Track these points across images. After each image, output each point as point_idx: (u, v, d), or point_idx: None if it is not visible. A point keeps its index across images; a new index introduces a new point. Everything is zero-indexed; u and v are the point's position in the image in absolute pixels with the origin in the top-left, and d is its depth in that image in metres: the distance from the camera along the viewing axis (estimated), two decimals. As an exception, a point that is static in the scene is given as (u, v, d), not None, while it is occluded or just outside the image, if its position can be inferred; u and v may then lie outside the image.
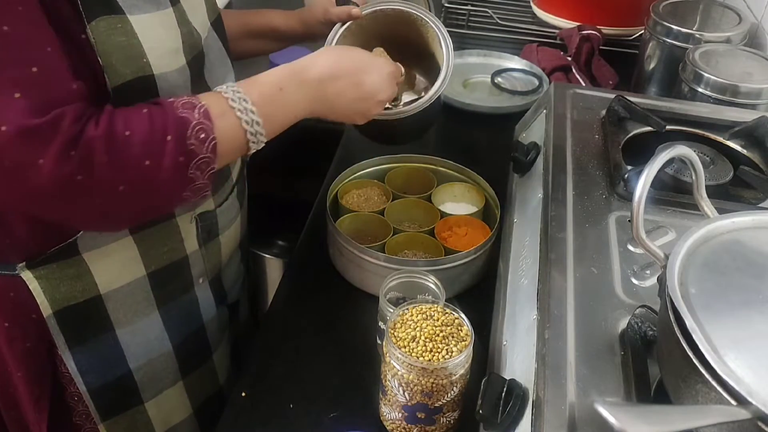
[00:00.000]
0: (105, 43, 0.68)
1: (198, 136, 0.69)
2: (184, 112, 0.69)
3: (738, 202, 0.86)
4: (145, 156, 0.66)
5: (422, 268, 0.88)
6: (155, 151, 0.67)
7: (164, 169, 0.67)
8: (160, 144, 0.67)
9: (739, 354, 0.50)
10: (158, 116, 0.68)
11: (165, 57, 0.73)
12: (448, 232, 1.00)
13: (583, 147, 0.93)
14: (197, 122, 0.69)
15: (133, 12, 0.70)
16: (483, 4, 1.70)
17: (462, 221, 1.01)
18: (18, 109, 0.61)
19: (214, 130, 0.70)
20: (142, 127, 0.67)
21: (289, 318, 0.94)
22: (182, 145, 0.68)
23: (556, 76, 1.42)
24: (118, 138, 0.65)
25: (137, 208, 0.72)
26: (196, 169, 0.70)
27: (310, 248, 1.05)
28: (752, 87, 1.08)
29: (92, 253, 0.78)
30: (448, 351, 0.72)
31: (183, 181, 0.70)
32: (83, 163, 0.63)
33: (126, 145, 0.65)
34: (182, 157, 0.68)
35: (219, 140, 0.70)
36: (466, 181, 1.08)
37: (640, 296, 0.70)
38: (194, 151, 0.69)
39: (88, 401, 0.85)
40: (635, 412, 0.47)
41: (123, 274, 0.81)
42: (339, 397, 0.82)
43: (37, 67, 0.63)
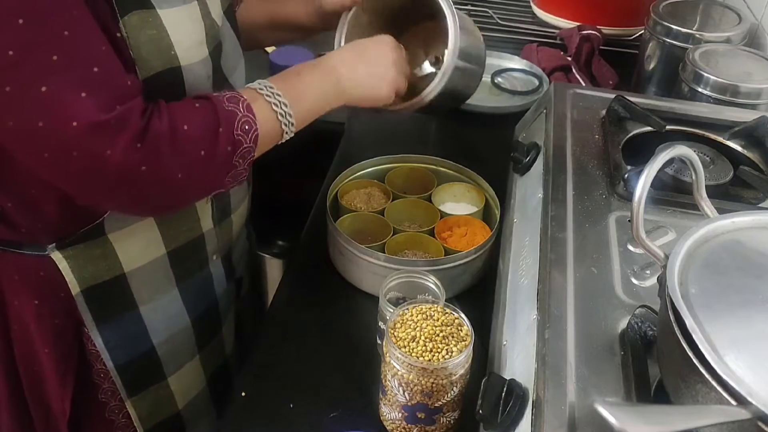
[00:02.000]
0: (137, 37, 0.72)
1: (243, 128, 0.76)
2: (230, 106, 0.76)
3: (738, 202, 0.86)
4: (201, 146, 0.73)
5: (422, 268, 0.88)
6: (209, 142, 0.73)
7: (216, 157, 0.74)
8: (213, 136, 0.74)
9: (739, 354, 0.50)
10: (210, 111, 0.74)
11: (191, 49, 0.77)
12: (448, 232, 1.00)
13: (583, 147, 0.93)
14: (243, 116, 0.76)
15: (162, 6, 0.74)
16: (483, 4, 1.70)
17: (462, 221, 1.01)
18: (86, 107, 0.66)
19: (256, 122, 0.77)
20: (198, 120, 0.73)
21: (289, 318, 0.94)
22: (230, 136, 0.75)
23: (556, 76, 1.42)
24: (179, 131, 0.72)
25: (186, 194, 0.78)
26: (240, 158, 0.77)
27: (310, 248, 1.05)
28: (752, 87, 1.08)
29: (117, 233, 0.82)
30: (448, 351, 0.72)
31: (228, 168, 0.77)
32: (150, 155, 0.69)
33: (186, 138, 0.72)
34: (230, 146, 0.75)
35: (260, 131, 0.78)
36: (466, 182, 1.08)
37: (640, 296, 0.70)
38: (240, 141, 0.76)
39: (115, 377, 0.89)
40: (635, 412, 0.47)
41: (145, 253, 0.85)
42: (339, 397, 0.82)
43: (98, 67, 0.67)
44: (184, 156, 0.72)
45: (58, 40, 0.65)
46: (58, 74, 0.65)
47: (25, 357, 0.87)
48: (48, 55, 0.64)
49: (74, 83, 0.66)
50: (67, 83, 0.65)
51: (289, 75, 0.85)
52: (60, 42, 0.65)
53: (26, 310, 0.83)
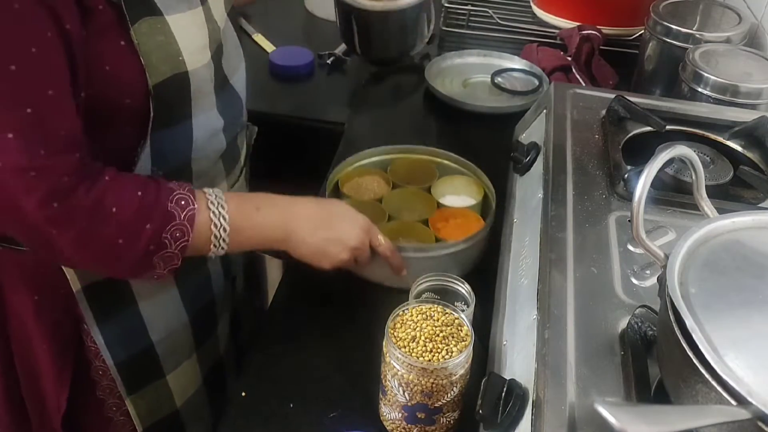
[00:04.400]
0: (147, 43, 0.72)
1: (174, 234, 0.74)
2: (172, 208, 0.74)
3: (738, 202, 0.86)
4: (120, 235, 0.71)
5: (412, 255, 0.91)
6: (132, 234, 0.72)
7: (134, 251, 0.73)
8: (138, 230, 0.72)
9: (739, 354, 0.50)
10: (149, 203, 0.73)
11: (196, 53, 0.78)
12: (443, 222, 1.00)
13: (583, 147, 0.93)
14: (179, 223, 0.74)
15: (169, 12, 0.74)
16: (483, 4, 1.70)
17: (458, 213, 1.01)
18: (11, 149, 0.64)
19: (191, 234, 0.75)
20: (131, 207, 0.71)
21: (289, 318, 0.94)
22: (158, 237, 0.73)
23: (556, 76, 1.42)
24: (104, 211, 0.70)
25: (95, 269, 0.79)
26: (160, 260, 0.75)
27: (310, 248, 1.05)
28: (752, 87, 1.08)
29: None
30: (448, 351, 0.72)
31: (145, 266, 0.75)
32: (61, 220, 0.68)
33: (108, 220, 0.70)
34: (153, 246, 0.73)
35: (190, 244, 0.76)
36: (467, 175, 1.08)
37: (640, 296, 0.70)
38: (165, 244, 0.74)
39: (115, 375, 0.89)
40: (635, 412, 0.47)
41: None
42: (339, 397, 0.82)
43: (32, 109, 0.65)
44: (99, 237, 0.71)
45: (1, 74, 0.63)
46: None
47: (22, 352, 0.87)
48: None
49: (3, 122, 0.64)
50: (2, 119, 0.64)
51: (248, 203, 0.82)
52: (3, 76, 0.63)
53: (25, 306, 0.84)
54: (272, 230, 0.83)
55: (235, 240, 0.79)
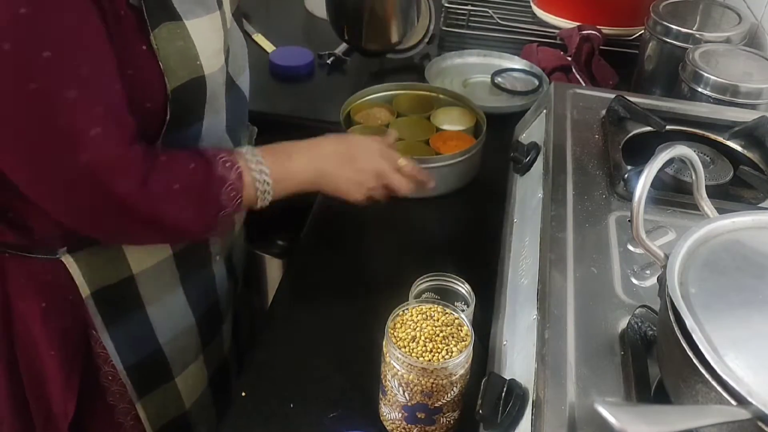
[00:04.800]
0: (166, 48, 0.73)
1: (230, 193, 0.79)
2: (223, 171, 0.79)
3: (738, 202, 0.86)
4: (187, 207, 0.77)
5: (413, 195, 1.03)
6: (197, 203, 0.77)
7: (199, 216, 0.78)
8: (200, 196, 0.77)
9: (739, 354, 0.50)
10: (203, 171, 0.77)
11: (212, 58, 0.79)
12: (441, 143, 1.16)
13: (583, 147, 0.93)
14: (231, 182, 0.79)
15: (188, 17, 0.75)
16: (483, 4, 1.70)
17: (454, 135, 1.18)
18: (100, 143, 0.69)
19: (243, 191, 0.80)
20: (190, 179, 0.77)
21: (289, 318, 0.94)
22: (215, 198, 0.78)
23: (556, 76, 1.42)
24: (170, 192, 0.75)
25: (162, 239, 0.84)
26: (220, 220, 0.80)
27: (310, 248, 1.05)
28: (752, 87, 1.08)
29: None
30: (448, 351, 0.72)
31: (207, 227, 0.81)
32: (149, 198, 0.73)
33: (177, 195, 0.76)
34: (214, 209, 0.79)
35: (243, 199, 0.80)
36: (461, 106, 1.25)
37: (640, 296, 0.70)
38: (224, 204, 0.79)
39: (125, 379, 0.90)
40: (635, 412, 0.47)
41: (152, 255, 0.87)
42: (339, 397, 0.82)
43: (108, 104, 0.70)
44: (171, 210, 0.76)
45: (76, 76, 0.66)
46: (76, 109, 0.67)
47: (27, 358, 0.86)
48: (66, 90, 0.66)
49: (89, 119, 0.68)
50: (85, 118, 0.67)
51: (280, 154, 0.86)
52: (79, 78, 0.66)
53: (32, 313, 0.83)
54: (305, 173, 0.87)
55: (277, 189, 0.84)
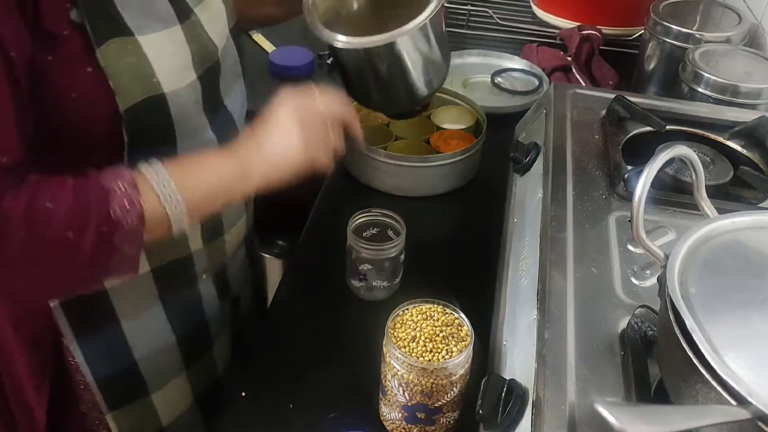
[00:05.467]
0: (116, 65, 0.68)
1: (123, 205, 0.67)
2: (107, 183, 0.67)
3: (738, 202, 0.86)
4: (67, 227, 0.64)
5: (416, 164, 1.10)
6: (78, 222, 0.64)
7: (87, 239, 0.65)
8: (83, 214, 0.65)
9: (739, 354, 0.50)
10: (82, 186, 0.66)
11: (174, 74, 0.74)
12: (442, 141, 1.16)
13: (583, 147, 0.93)
14: (122, 193, 0.67)
15: (142, 32, 0.70)
16: (483, 4, 1.70)
17: (455, 134, 1.18)
18: None
19: (141, 200, 0.68)
20: (66, 198, 0.65)
21: (289, 318, 0.94)
22: (105, 215, 0.66)
23: (556, 76, 1.42)
24: (40, 211, 0.63)
25: (58, 282, 0.69)
26: (121, 240, 0.67)
27: (310, 248, 1.05)
28: (752, 87, 1.08)
29: None
30: (448, 351, 0.72)
31: (108, 252, 0.67)
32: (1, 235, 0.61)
33: (48, 218, 0.63)
34: (105, 227, 0.66)
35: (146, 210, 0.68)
36: (461, 105, 1.25)
37: (640, 296, 0.70)
38: (118, 220, 0.66)
39: (96, 391, 0.87)
40: (635, 412, 0.47)
41: None
42: (339, 397, 0.82)
43: None
44: (44, 238, 0.64)
45: None
46: None
47: (4, 364, 0.84)
48: None
49: None
50: None
51: (190, 158, 0.75)
52: None
53: (4, 319, 0.81)
54: (222, 166, 0.76)
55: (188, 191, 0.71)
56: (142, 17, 0.71)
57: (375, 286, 0.93)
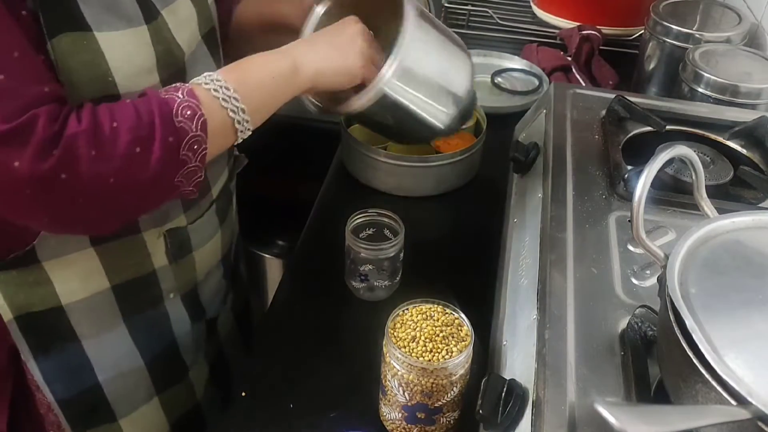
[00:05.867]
0: (67, 61, 0.65)
1: (185, 113, 0.67)
2: (167, 95, 0.68)
3: (738, 202, 0.86)
4: (134, 142, 0.64)
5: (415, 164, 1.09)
6: (144, 136, 0.64)
7: (155, 152, 0.65)
8: (148, 128, 0.64)
9: (739, 354, 0.50)
10: (143, 103, 0.66)
11: (134, 76, 0.70)
12: (442, 141, 1.16)
13: (583, 147, 0.93)
14: (182, 101, 0.67)
15: (101, 29, 0.67)
16: (483, 4, 1.70)
17: (455, 134, 1.13)
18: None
19: (201, 107, 0.68)
20: (129, 115, 0.64)
21: (289, 318, 0.94)
22: (170, 125, 0.66)
23: (556, 76, 1.42)
24: (105, 130, 0.63)
25: (126, 203, 0.68)
26: (188, 150, 0.67)
27: (310, 248, 1.05)
28: (752, 87, 1.08)
29: (52, 262, 0.76)
30: (448, 351, 0.72)
31: (175, 164, 0.67)
32: (66, 160, 0.61)
33: (114, 135, 0.63)
34: (172, 137, 0.66)
35: (208, 117, 0.68)
36: None
37: (640, 296, 0.70)
38: (183, 128, 0.66)
39: (58, 412, 0.84)
40: (635, 412, 0.47)
41: (85, 286, 0.79)
42: (339, 397, 0.82)
43: (4, 75, 0.60)
44: (113, 156, 0.63)
45: None
46: None
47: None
48: None
49: None
50: None
51: (239, 62, 0.75)
52: None
53: None
54: (276, 65, 0.76)
55: (247, 94, 0.72)
56: (105, 13, 0.67)
57: (374, 286, 0.93)
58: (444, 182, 1.13)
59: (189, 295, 0.91)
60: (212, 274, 0.95)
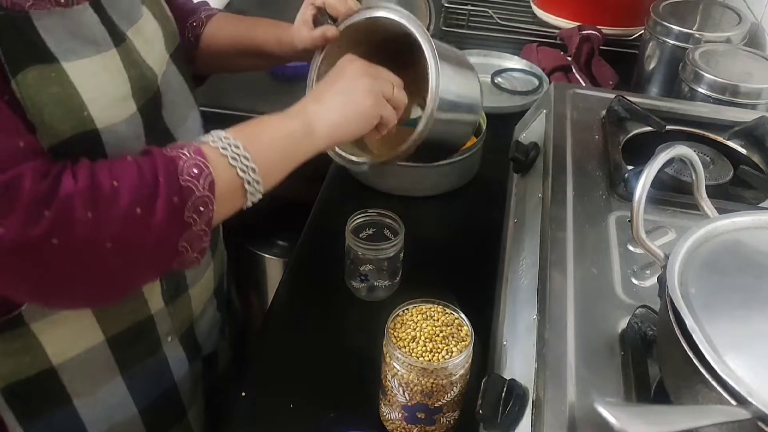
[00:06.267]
0: (35, 97, 0.58)
1: (191, 172, 0.61)
2: (172, 152, 0.62)
3: (738, 202, 0.86)
4: (135, 203, 0.58)
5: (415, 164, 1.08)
6: (146, 195, 0.59)
7: (158, 213, 0.59)
8: (151, 187, 0.59)
9: (739, 354, 0.50)
10: (146, 160, 0.61)
11: (110, 107, 0.64)
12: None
13: (583, 147, 0.93)
14: (189, 158, 0.62)
15: (68, 58, 0.60)
16: (483, 4, 1.70)
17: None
18: None
19: (209, 166, 0.62)
20: (130, 172, 0.59)
21: (289, 318, 0.94)
22: (175, 183, 0.60)
23: (556, 76, 1.42)
24: (104, 189, 0.57)
25: (125, 272, 0.61)
26: (193, 212, 0.61)
27: (310, 248, 1.05)
28: (752, 87, 1.08)
29: (41, 323, 0.69)
30: (448, 351, 0.72)
31: (179, 227, 0.61)
32: (60, 223, 0.55)
33: (114, 195, 0.57)
34: (176, 197, 0.60)
35: (216, 177, 0.62)
36: None
37: (640, 296, 0.70)
38: (189, 188, 0.61)
39: None
40: (635, 412, 0.47)
41: (78, 342, 0.72)
42: (339, 397, 0.82)
43: None
44: (111, 219, 0.57)
45: None
46: None
47: None
48: None
49: None
50: None
51: (248, 122, 0.70)
52: None
53: None
54: (286, 124, 0.70)
55: (258, 155, 0.66)
56: (70, 40, 0.61)
57: (374, 286, 0.93)
58: (444, 182, 1.13)
59: (186, 335, 0.85)
60: (207, 309, 0.90)
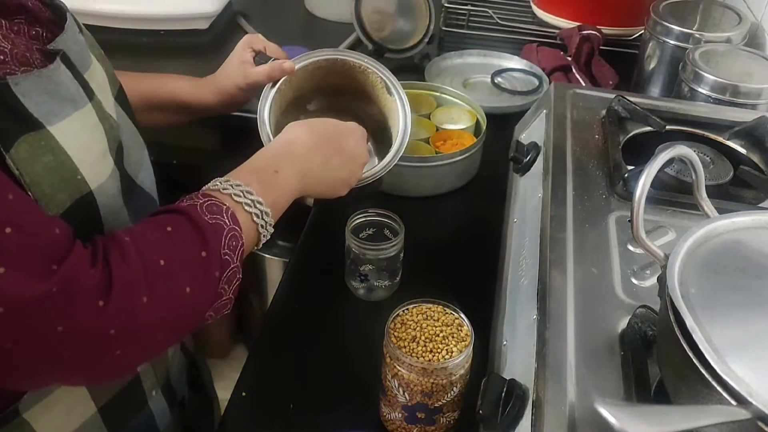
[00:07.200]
0: (32, 170, 0.54)
1: (230, 244, 0.60)
2: (213, 219, 0.60)
3: (738, 202, 0.86)
4: (186, 282, 0.57)
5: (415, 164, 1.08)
6: (198, 276, 0.57)
7: (205, 291, 0.58)
8: (199, 263, 0.57)
9: (739, 354, 0.50)
10: (189, 229, 0.58)
11: (96, 165, 0.60)
12: (441, 142, 1.17)
13: (583, 147, 0.93)
14: (229, 228, 0.61)
15: (51, 121, 0.56)
16: (483, 4, 1.70)
17: (455, 134, 1.18)
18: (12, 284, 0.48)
19: (243, 236, 0.62)
20: (176, 248, 0.57)
21: (289, 318, 0.94)
22: (218, 258, 0.59)
23: (556, 76, 1.42)
24: (156, 271, 0.55)
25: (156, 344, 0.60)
26: (225, 283, 0.61)
27: (310, 248, 1.05)
28: (752, 87, 1.08)
29: (34, 409, 0.65)
30: (448, 351, 0.72)
31: (211, 298, 0.60)
32: (122, 313, 0.53)
33: (165, 276, 0.56)
34: (217, 271, 0.59)
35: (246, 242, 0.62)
36: (461, 105, 1.26)
37: (640, 296, 0.70)
38: (227, 261, 0.60)
39: None
40: (635, 412, 0.47)
41: (71, 419, 0.69)
42: (339, 397, 0.82)
43: (11, 227, 0.48)
44: (165, 301, 0.56)
45: None
46: None
47: None
48: None
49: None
50: None
51: (265, 173, 0.70)
52: None
53: None
54: (291, 187, 0.73)
55: (275, 217, 0.69)
56: (49, 101, 0.56)
57: (374, 286, 0.93)
58: (444, 182, 1.13)
59: (165, 385, 0.82)
60: (176, 352, 0.87)
